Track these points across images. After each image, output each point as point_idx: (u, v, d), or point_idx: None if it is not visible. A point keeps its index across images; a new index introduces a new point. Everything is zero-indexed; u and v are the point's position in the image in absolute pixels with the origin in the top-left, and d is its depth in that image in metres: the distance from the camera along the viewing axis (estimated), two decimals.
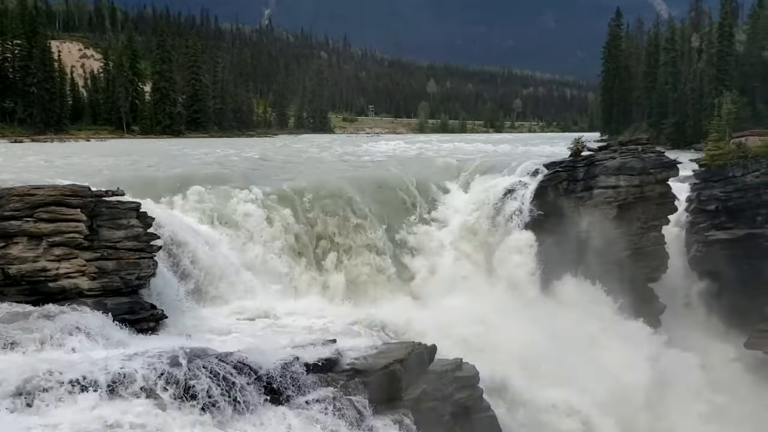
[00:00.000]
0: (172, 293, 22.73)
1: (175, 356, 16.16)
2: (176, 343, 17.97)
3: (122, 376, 15.24)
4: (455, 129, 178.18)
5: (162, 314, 20.88)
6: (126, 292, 20.44)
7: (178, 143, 65.49)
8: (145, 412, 14.44)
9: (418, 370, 20.20)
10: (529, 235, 33.81)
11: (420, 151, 60.57)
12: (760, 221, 32.46)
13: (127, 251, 20.91)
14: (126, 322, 19.44)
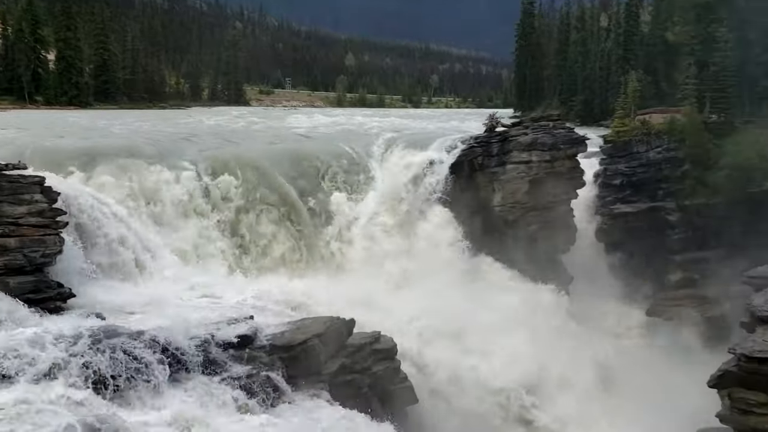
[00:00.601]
0: (82, 271, 21.95)
1: (79, 335, 15.78)
2: (84, 322, 17.51)
3: (20, 356, 14.83)
4: (373, 103, 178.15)
5: (70, 293, 20.18)
6: (30, 270, 19.61)
7: (86, 115, 62.64)
8: (41, 391, 14.18)
9: (336, 344, 20.41)
10: (445, 210, 34.44)
11: (339, 126, 60.33)
12: (662, 195, 34.14)
13: (31, 227, 20.02)
14: (31, 302, 18.73)
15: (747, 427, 21.34)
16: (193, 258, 26.70)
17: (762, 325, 22.29)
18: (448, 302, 28.59)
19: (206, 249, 27.43)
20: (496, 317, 29.93)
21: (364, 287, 26.98)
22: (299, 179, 32.94)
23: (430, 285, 29.99)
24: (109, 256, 23.44)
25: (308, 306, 22.46)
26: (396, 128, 53.98)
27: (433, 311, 27.16)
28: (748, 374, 21.25)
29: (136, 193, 26.96)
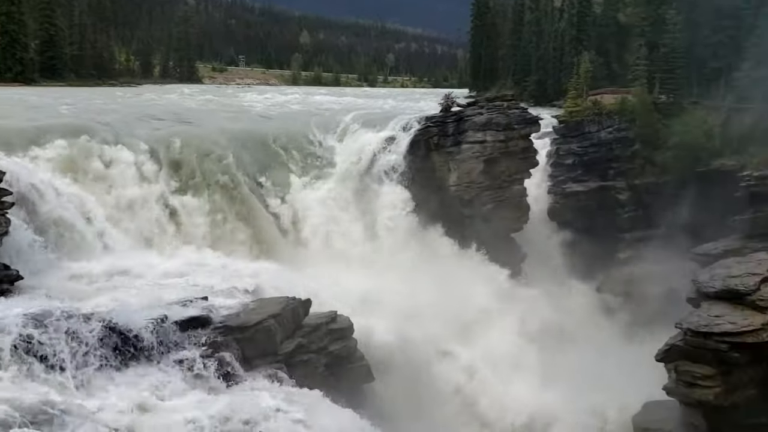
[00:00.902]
0: (32, 252, 21.36)
1: (26, 318, 15.39)
2: (31, 304, 17.06)
3: None
4: (329, 82, 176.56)
5: (17, 275, 19.62)
6: None
7: (33, 92, 60.62)
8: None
9: (292, 324, 20.38)
10: (402, 189, 34.55)
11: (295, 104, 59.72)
12: (612, 174, 34.83)
13: None
14: None
15: (692, 400, 22.17)
16: (146, 238, 26.24)
17: (707, 300, 23.09)
18: (402, 280, 28.85)
19: (159, 229, 26.99)
20: (451, 295, 30.38)
21: (320, 267, 26.94)
22: (254, 159, 32.57)
23: (386, 264, 30.17)
24: (58, 236, 22.88)
25: (264, 287, 22.29)
26: (352, 107, 53.74)
27: (387, 289, 27.35)
28: (694, 348, 22.04)
29: (86, 173, 26.30)
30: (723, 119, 31.96)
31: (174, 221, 27.83)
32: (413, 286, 28.53)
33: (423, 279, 29.73)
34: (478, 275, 32.83)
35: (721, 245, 26.89)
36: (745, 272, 23.26)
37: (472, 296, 31.20)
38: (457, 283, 30.91)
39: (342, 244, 31.55)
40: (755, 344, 21.16)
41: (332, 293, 24.35)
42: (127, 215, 26.46)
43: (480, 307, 31.01)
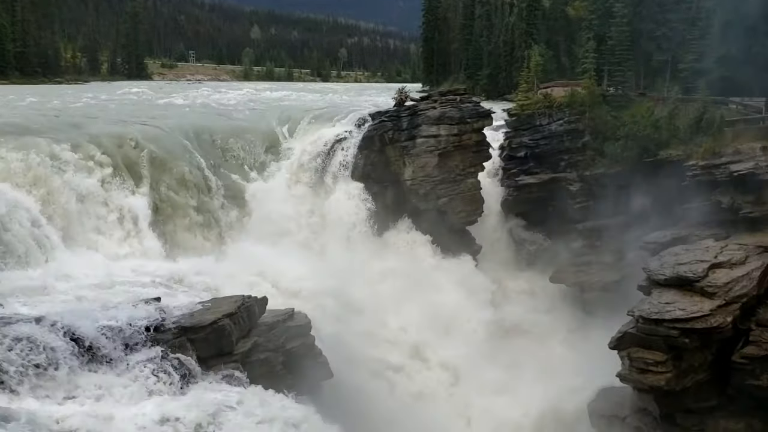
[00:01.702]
0: None
1: None
2: None
3: None
4: (281, 77, 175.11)
5: None
6: None
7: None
8: None
9: (248, 323, 20.09)
10: (357, 185, 34.47)
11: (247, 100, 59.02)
12: (563, 166, 35.28)
13: None
14: None
15: (645, 385, 22.67)
16: (95, 240, 25.56)
17: (657, 287, 23.63)
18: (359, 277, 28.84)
19: (108, 230, 26.30)
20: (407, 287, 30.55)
21: (275, 263, 26.65)
22: (206, 156, 32.06)
23: (341, 259, 30.09)
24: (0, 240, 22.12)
25: (218, 285, 21.98)
26: (305, 103, 53.43)
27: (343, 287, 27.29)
28: (646, 335, 22.55)
29: (29, 174, 25.42)
30: (669, 110, 32.64)
31: (126, 221, 27.15)
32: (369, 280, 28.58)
33: (377, 273, 29.82)
34: (434, 268, 33.04)
35: (670, 233, 27.46)
36: (694, 259, 23.88)
37: (426, 288, 31.39)
38: (412, 277, 31.08)
39: (295, 239, 31.32)
40: (704, 329, 21.76)
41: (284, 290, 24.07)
42: (75, 216, 25.70)
43: (436, 300, 31.19)
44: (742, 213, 26.33)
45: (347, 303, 27.10)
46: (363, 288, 28.17)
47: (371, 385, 24.95)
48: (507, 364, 29.62)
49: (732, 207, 26.66)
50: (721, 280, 22.69)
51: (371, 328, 27.35)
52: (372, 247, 33.27)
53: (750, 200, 26.35)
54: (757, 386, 22.44)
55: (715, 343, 22.52)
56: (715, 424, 23.17)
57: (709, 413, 23.29)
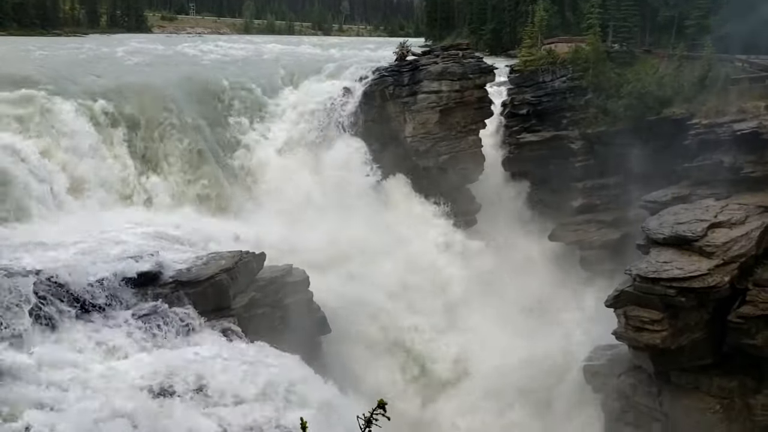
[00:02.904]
0: None
1: None
2: None
3: None
4: (282, 31, 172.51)
5: None
6: None
7: None
8: None
9: (246, 278, 20.21)
10: (357, 140, 34.22)
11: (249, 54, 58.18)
12: (565, 124, 34.85)
13: None
14: None
15: (640, 343, 22.83)
16: (98, 194, 25.50)
17: (656, 246, 23.61)
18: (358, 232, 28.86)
19: (112, 185, 26.25)
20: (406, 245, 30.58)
21: (274, 220, 26.65)
22: (208, 111, 31.82)
23: (341, 215, 30.08)
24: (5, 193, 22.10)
25: (218, 240, 21.98)
26: (306, 57, 52.71)
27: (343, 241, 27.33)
28: (643, 294, 22.60)
29: (31, 125, 25.26)
30: (674, 68, 32.13)
31: (129, 176, 27.10)
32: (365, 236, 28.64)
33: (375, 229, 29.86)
34: (432, 226, 33.06)
35: (670, 192, 27.30)
36: (693, 219, 23.79)
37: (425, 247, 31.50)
38: (409, 234, 31.11)
39: (295, 195, 31.24)
40: (701, 289, 21.80)
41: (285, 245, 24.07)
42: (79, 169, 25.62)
43: (433, 258, 31.29)
44: (744, 172, 26.10)
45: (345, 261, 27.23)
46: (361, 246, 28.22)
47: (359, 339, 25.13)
48: (503, 321, 29.82)
49: (734, 166, 26.42)
50: (719, 239, 22.64)
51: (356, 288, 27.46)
52: (371, 204, 33.21)
53: (752, 160, 26.09)
54: (751, 345, 22.60)
55: (711, 303, 22.59)
56: (709, 382, 23.40)
57: (704, 371, 23.50)
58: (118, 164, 27.00)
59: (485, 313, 29.98)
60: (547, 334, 28.43)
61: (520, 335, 28.82)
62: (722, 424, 22.90)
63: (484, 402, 26.77)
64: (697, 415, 23.18)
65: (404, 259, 30.64)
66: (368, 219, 31.19)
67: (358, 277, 27.48)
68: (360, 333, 25.01)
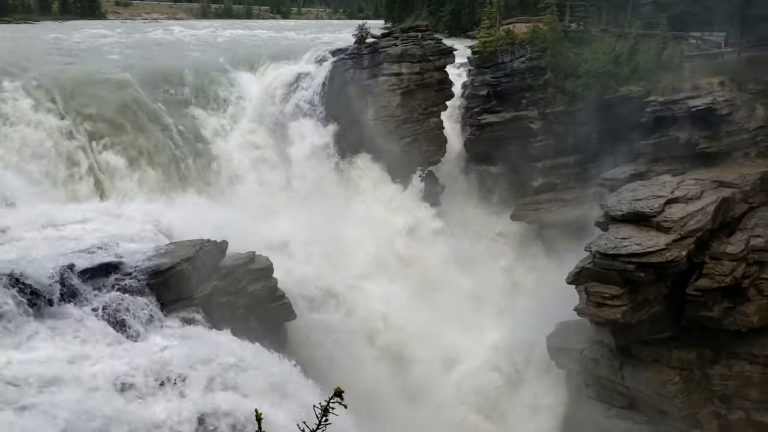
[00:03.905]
0: None
1: None
2: None
3: None
4: (240, 15, 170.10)
5: None
6: None
7: None
8: None
9: (208, 266, 19.97)
10: (318, 124, 34.01)
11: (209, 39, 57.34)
12: (525, 104, 35.08)
13: None
14: None
15: (601, 319, 23.26)
16: (49, 183, 24.96)
17: (614, 223, 24.01)
18: (322, 217, 28.77)
19: (63, 173, 25.69)
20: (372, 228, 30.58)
21: (235, 206, 26.42)
22: (164, 97, 31.25)
23: (305, 199, 29.97)
24: None
25: (177, 230, 21.64)
26: (264, 40, 52.14)
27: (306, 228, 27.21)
28: (603, 270, 23.01)
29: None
30: (630, 46, 32.55)
31: (81, 164, 26.53)
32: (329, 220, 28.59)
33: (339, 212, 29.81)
34: (396, 208, 33.14)
35: (628, 170, 27.77)
36: (650, 195, 24.21)
37: (390, 229, 31.57)
38: (374, 217, 31.14)
39: (256, 181, 31.00)
40: (660, 263, 22.24)
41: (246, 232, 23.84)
42: (27, 160, 25.03)
43: (398, 240, 31.40)
44: (699, 148, 26.68)
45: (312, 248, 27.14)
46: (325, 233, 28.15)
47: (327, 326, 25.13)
48: (466, 297, 30.11)
49: (689, 142, 26.98)
50: (676, 214, 23.09)
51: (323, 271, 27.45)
52: (335, 189, 33.14)
53: (707, 135, 26.69)
54: (709, 317, 23.21)
55: (669, 277, 23.10)
56: (669, 354, 23.99)
57: (663, 344, 24.08)
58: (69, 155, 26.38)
59: (450, 292, 30.19)
60: (512, 311, 28.79)
61: (485, 314, 29.13)
62: (682, 394, 23.53)
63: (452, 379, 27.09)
64: (658, 386, 23.77)
65: (370, 242, 30.68)
66: (332, 203, 31.13)
67: (323, 261, 27.43)
68: (325, 319, 24.97)
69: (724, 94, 26.88)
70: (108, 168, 27.20)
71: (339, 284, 26.74)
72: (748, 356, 23.61)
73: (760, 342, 23.55)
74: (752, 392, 23.53)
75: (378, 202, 33.82)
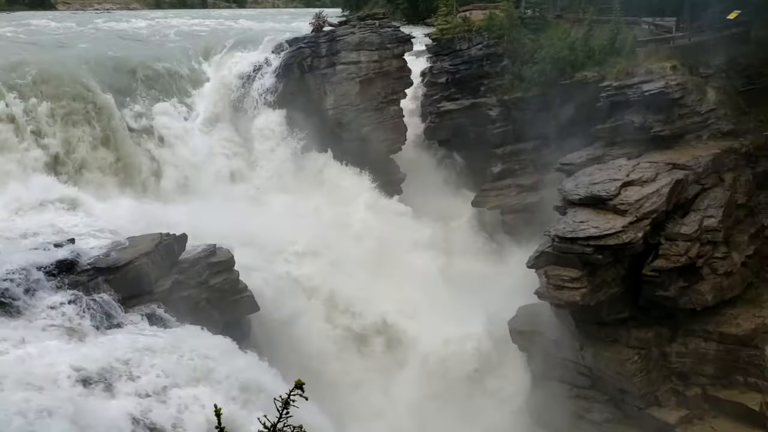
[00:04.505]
0: None
1: None
2: None
3: None
4: (195, 5, 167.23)
5: None
6: None
7: None
8: None
9: (168, 261, 19.75)
10: (277, 114, 33.70)
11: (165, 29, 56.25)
12: (483, 91, 35.32)
13: None
14: None
15: (561, 301, 23.67)
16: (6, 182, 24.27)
17: (572, 207, 24.40)
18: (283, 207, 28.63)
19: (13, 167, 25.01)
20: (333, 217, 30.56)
21: (194, 198, 26.12)
22: (119, 87, 30.60)
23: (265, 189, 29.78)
24: None
25: (135, 224, 21.33)
26: (220, 30, 51.45)
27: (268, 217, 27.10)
28: (562, 253, 23.39)
29: None
30: (585, 32, 32.91)
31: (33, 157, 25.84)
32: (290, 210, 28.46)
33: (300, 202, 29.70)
34: (358, 198, 33.12)
35: (585, 154, 28.14)
36: (607, 178, 24.65)
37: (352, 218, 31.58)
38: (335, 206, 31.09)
39: (214, 173, 30.67)
40: (617, 245, 22.69)
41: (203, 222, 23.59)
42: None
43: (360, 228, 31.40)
44: (653, 132, 27.15)
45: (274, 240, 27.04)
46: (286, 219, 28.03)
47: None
48: (426, 282, 30.27)
49: (644, 126, 27.43)
50: (632, 197, 23.54)
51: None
52: (297, 178, 32.99)
53: (660, 119, 27.17)
54: (665, 297, 23.76)
55: (626, 258, 23.58)
56: (627, 334, 24.51)
57: (622, 324, 24.59)
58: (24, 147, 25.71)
59: (411, 278, 30.32)
60: (473, 296, 29.04)
61: (447, 299, 29.34)
62: (641, 373, 24.08)
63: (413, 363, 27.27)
64: (618, 366, 24.28)
65: (331, 231, 30.59)
66: (293, 192, 30.99)
67: (286, 253, 27.33)
68: (290, 310, 24.88)
69: (676, 78, 27.42)
70: (61, 160, 26.53)
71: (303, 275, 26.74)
72: (703, 333, 24.25)
73: (714, 319, 24.21)
74: (708, 368, 24.19)
75: (339, 191, 33.69)
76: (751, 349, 23.65)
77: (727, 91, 28.13)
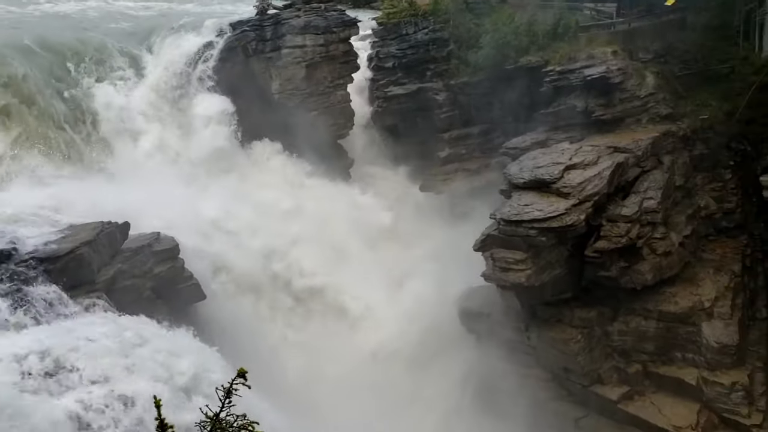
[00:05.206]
0: None
1: None
2: None
3: None
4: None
5: None
6: None
7: None
8: None
9: (110, 249, 19.31)
10: (221, 98, 33.09)
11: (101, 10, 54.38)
12: (430, 76, 35.39)
13: None
14: None
15: (507, 283, 24.13)
16: None
17: (517, 190, 24.79)
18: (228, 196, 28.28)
19: None
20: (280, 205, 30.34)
21: (136, 185, 25.53)
22: (53, 71, 29.58)
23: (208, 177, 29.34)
24: None
25: (72, 212, 20.73)
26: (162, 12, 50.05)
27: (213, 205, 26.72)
28: (507, 236, 23.80)
29: None
30: (528, 17, 33.22)
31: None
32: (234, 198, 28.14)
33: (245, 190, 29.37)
34: (305, 184, 32.95)
35: (529, 138, 28.54)
36: (550, 162, 25.10)
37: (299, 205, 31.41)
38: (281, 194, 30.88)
39: (156, 159, 30.03)
40: (560, 228, 23.20)
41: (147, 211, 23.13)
42: None
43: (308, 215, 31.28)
44: (595, 116, 27.70)
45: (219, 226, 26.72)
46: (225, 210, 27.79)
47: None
48: (375, 265, 30.44)
49: (586, 110, 27.96)
50: (575, 180, 24.05)
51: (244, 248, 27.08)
52: (237, 164, 32.57)
53: (602, 103, 27.73)
54: (607, 277, 24.45)
55: (570, 240, 24.12)
56: (571, 313, 25.16)
57: (566, 304, 25.22)
58: None
59: (360, 261, 30.42)
60: (421, 279, 29.31)
61: (394, 281, 29.55)
62: (584, 352, 24.78)
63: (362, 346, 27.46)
64: (562, 345, 24.92)
65: (279, 219, 30.38)
66: (238, 180, 30.60)
67: (233, 241, 27.05)
68: (237, 297, 24.70)
69: (616, 63, 27.97)
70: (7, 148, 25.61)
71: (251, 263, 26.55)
72: (644, 312, 25.04)
73: (653, 298, 25.02)
74: (648, 345, 25.03)
75: (286, 178, 33.41)
76: (688, 326, 24.56)
77: (665, 75, 28.84)
